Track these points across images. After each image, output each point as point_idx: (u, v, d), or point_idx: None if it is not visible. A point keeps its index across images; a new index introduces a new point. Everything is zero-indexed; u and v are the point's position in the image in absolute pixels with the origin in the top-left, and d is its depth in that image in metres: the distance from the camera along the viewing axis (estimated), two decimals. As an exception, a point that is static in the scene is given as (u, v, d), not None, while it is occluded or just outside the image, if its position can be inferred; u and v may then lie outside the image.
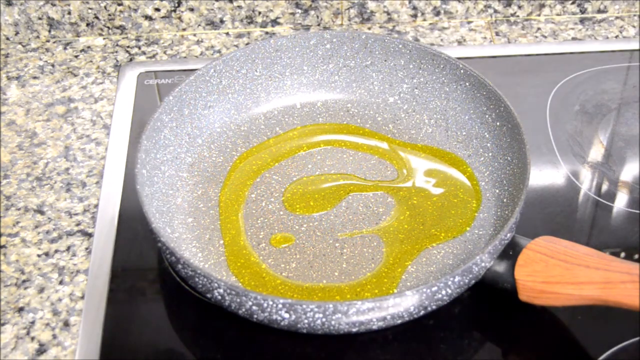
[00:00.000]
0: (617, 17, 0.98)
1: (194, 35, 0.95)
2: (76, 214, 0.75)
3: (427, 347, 0.65)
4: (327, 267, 0.68)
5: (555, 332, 0.65)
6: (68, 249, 0.72)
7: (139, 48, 0.93)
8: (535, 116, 0.84)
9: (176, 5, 0.93)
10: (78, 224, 0.74)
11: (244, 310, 0.59)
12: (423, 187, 0.75)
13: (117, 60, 0.92)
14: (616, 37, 0.96)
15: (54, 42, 0.94)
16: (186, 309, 0.67)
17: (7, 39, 0.94)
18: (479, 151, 0.76)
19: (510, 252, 0.63)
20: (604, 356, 0.62)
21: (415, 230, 0.71)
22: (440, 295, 0.60)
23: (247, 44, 0.94)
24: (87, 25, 0.94)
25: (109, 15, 0.93)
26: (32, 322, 0.67)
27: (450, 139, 0.78)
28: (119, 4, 0.92)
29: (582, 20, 0.98)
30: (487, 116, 0.75)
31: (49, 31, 0.94)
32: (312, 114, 0.82)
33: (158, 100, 0.86)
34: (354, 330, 0.60)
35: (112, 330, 0.65)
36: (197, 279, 0.60)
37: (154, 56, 0.92)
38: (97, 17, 0.93)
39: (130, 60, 0.92)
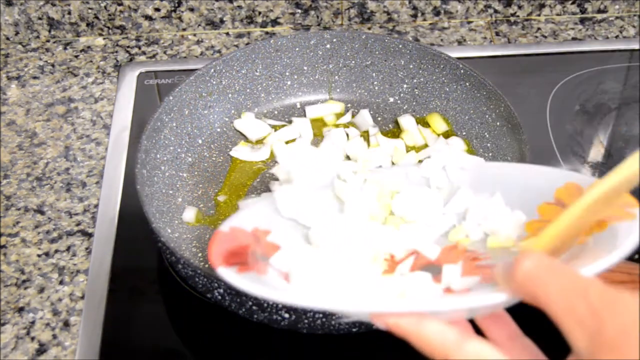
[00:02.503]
0: (617, 17, 0.98)
1: (194, 35, 0.95)
2: (76, 214, 0.75)
3: (427, 347, 0.65)
4: None
5: (555, 332, 0.65)
6: (68, 249, 0.72)
7: (139, 48, 0.94)
8: (535, 116, 0.84)
9: (176, 5, 0.93)
10: (78, 224, 0.74)
11: (244, 310, 0.59)
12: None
13: (117, 60, 0.92)
14: (616, 37, 0.96)
15: (54, 42, 0.94)
16: (186, 309, 0.67)
17: (7, 39, 0.94)
18: (479, 151, 0.76)
19: (510, 252, 0.63)
20: (604, 356, 0.62)
21: (415, 230, 0.71)
22: (440, 295, 0.60)
23: (247, 44, 0.94)
24: (87, 25, 0.94)
25: (109, 15, 0.93)
26: (32, 322, 0.67)
27: (450, 139, 0.78)
28: (119, 4, 0.92)
29: (582, 20, 0.98)
30: (487, 116, 0.75)
31: (49, 31, 0.94)
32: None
33: (158, 100, 0.86)
34: (354, 330, 0.60)
35: (112, 330, 0.65)
36: (197, 279, 0.60)
37: (154, 56, 0.93)
38: (97, 17, 0.93)
39: (130, 60, 0.92)
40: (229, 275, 0.45)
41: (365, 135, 0.79)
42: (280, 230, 0.53)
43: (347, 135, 0.78)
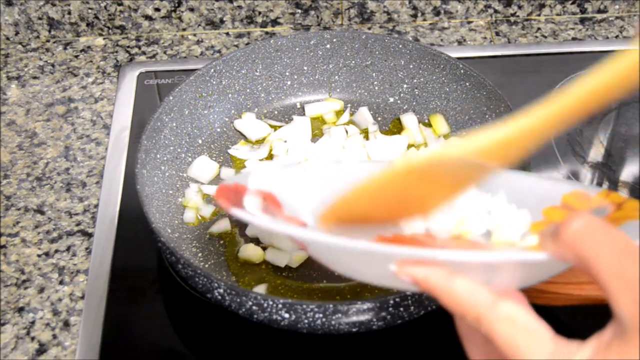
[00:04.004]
0: (617, 17, 0.98)
1: (194, 35, 0.95)
2: (76, 214, 0.75)
3: (427, 347, 0.65)
4: (327, 267, 0.68)
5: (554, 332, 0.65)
6: (68, 249, 0.72)
7: (139, 48, 0.93)
8: (535, 116, 0.83)
9: (176, 5, 0.93)
10: (78, 224, 0.74)
11: (244, 310, 0.59)
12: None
13: (117, 60, 0.92)
14: (616, 37, 0.96)
15: (54, 42, 0.94)
16: (186, 309, 0.67)
17: (7, 39, 0.94)
18: (479, 151, 0.76)
19: (510, 252, 0.63)
20: (604, 356, 0.62)
21: (415, 230, 0.71)
22: (440, 295, 0.60)
23: (247, 44, 0.94)
24: (87, 25, 0.94)
25: (109, 15, 0.93)
26: (32, 322, 0.67)
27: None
28: (119, 4, 0.92)
29: (582, 20, 0.98)
30: (487, 116, 0.75)
31: (49, 31, 0.94)
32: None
33: (158, 100, 0.86)
34: (354, 330, 0.60)
35: (112, 330, 0.65)
36: (197, 279, 0.60)
37: (154, 56, 0.93)
38: (97, 17, 0.93)
39: (130, 60, 0.92)
40: (243, 214, 0.46)
41: (365, 134, 0.79)
42: (289, 195, 0.54)
43: (347, 132, 0.78)
